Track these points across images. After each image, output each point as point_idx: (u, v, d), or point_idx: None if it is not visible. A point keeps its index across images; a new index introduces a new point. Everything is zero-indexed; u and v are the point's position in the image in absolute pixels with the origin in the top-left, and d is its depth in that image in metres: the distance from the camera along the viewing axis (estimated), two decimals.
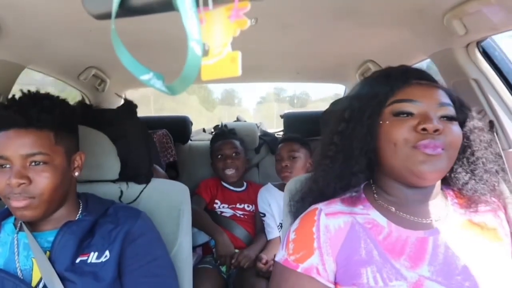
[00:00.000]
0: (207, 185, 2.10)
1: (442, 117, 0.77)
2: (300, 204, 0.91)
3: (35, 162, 0.86)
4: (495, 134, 1.21)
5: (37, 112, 0.86)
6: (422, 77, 0.83)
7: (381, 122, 0.80)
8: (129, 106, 1.28)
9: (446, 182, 0.85)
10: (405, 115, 0.78)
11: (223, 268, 1.85)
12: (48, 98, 0.91)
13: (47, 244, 0.91)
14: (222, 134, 2.25)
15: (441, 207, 0.82)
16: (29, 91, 0.91)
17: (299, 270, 0.77)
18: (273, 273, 0.84)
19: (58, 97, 0.94)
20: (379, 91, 0.82)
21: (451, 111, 0.78)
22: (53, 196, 0.88)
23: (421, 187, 0.79)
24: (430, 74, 0.86)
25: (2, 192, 0.86)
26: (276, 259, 0.83)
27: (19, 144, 0.85)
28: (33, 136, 0.86)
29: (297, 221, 0.85)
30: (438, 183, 0.83)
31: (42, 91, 0.94)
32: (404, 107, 0.78)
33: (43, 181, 0.86)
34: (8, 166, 0.86)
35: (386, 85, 0.82)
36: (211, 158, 2.20)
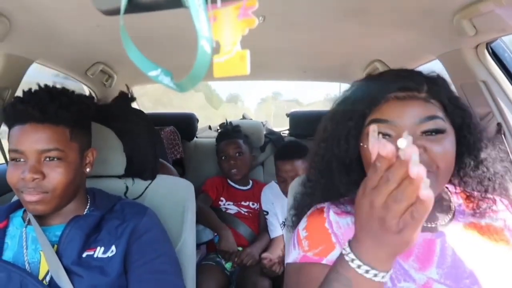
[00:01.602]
0: (213, 183, 2.11)
1: (425, 132, 0.70)
2: (303, 207, 0.90)
3: (49, 157, 0.86)
4: (503, 136, 1.20)
5: (55, 108, 0.86)
6: (402, 87, 0.75)
7: (361, 144, 0.76)
8: (125, 98, 1.26)
9: (452, 184, 0.84)
10: (383, 136, 0.72)
11: (228, 265, 1.86)
12: (65, 94, 0.92)
13: (55, 238, 0.92)
14: (226, 133, 2.25)
15: (448, 210, 0.81)
16: (45, 85, 0.91)
17: (324, 262, 0.73)
18: (287, 276, 0.80)
19: (73, 92, 0.94)
20: (355, 112, 0.77)
21: (435, 124, 0.71)
22: (66, 191, 0.89)
23: None
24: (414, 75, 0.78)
25: (15, 186, 0.87)
26: (289, 261, 0.80)
27: (35, 139, 0.85)
28: (49, 131, 0.86)
29: (304, 220, 0.84)
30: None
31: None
32: (380, 128, 0.72)
33: (56, 176, 0.86)
34: (22, 160, 0.86)
35: (362, 103, 0.76)
36: (217, 157, 2.21)
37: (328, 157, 0.81)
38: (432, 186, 0.68)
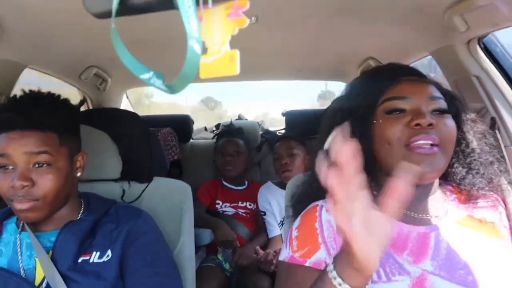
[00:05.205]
0: (205, 189, 2.11)
1: (435, 111, 0.77)
2: (299, 206, 0.91)
3: (38, 164, 0.85)
4: (496, 131, 1.21)
5: (40, 113, 0.85)
6: (411, 73, 0.83)
7: (374, 121, 0.80)
8: None
9: (445, 177, 0.85)
10: (397, 112, 0.77)
11: (226, 266, 1.86)
12: (50, 98, 0.90)
13: (49, 244, 0.91)
14: (229, 132, 2.26)
15: (441, 203, 0.82)
16: (30, 90, 0.90)
17: (307, 264, 0.76)
18: (278, 273, 0.82)
19: (59, 96, 0.93)
20: (369, 92, 0.82)
21: (443, 104, 0.78)
22: (56, 197, 0.88)
23: (420, 185, 0.79)
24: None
25: (5, 195, 0.85)
26: (280, 258, 0.82)
27: (22, 143, 0.83)
28: (36, 136, 0.84)
29: (298, 219, 0.84)
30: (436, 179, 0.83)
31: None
32: (395, 104, 0.78)
33: (46, 183, 0.85)
34: (11, 167, 0.84)
35: (375, 85, 0.82)
36: (214, 154, 2.21)
37: None
38: (442, 164, 0.74)
